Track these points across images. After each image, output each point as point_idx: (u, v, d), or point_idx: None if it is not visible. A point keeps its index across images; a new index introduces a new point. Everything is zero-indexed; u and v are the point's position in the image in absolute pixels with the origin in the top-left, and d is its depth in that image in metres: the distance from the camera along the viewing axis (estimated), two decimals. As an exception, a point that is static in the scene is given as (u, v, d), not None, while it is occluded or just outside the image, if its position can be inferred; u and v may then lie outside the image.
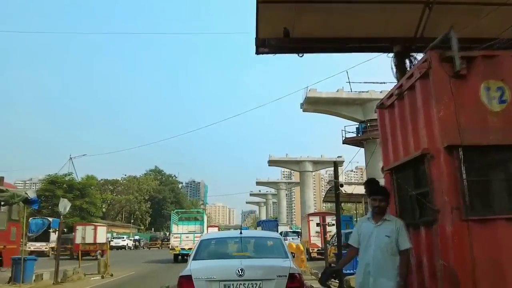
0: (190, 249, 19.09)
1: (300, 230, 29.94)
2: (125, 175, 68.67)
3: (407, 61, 6.80)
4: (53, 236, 26.63)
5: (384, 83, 32.64)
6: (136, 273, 15.88)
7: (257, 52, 6.90)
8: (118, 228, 57.51)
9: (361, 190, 33.46)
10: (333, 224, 18.77)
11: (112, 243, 46.63)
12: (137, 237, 55.66)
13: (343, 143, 31.25)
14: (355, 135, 31.64)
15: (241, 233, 5.90)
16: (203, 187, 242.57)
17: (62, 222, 12.61)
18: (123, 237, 44.90)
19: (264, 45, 6.79)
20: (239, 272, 4.55)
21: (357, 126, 31.72)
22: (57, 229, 12.37)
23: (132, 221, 63.32)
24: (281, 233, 27.62)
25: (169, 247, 24.25)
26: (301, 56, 6.87)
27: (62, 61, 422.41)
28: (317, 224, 19.78)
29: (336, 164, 7.86)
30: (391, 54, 6.87)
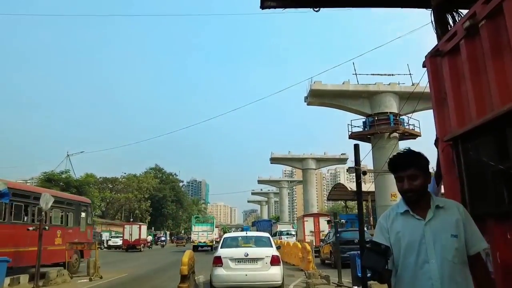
0: (204, 242, 33.25)
1: (295, 230, 32.95)
2: (125, 173, 67.40)
3: (449, 17, 5.51)
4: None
5: (392, 75, 31.43)
6: (129, 275, 14.61)
7: (263, 6, 5.58)
8: (117, 227, 56.16)
9: (367, 187, 32.28)
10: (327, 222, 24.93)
11: (110, 242, 45.45)
12: (163, 238, 54.82)
13: (349, 138, 29.91)
14: (361, 129, 30.31)
15: (246, 233, 11.63)
16: (205, 186, 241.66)
17: (43, 219, 11.31)
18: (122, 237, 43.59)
19: (272, -4, 5.49)
20: (245, 254, 8.96)
21: (363, 120, 30.39)
22: (38, 227, 11.05)
23: (131, 219, 62.02)
24: (275, 233, 33.06)
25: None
26: (317, 11, 5.54)
27: (60, 56, 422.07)
28: (328, 222, 22.45)
29: (357, 148, 6.54)
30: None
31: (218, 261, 8.94)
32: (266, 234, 11.37)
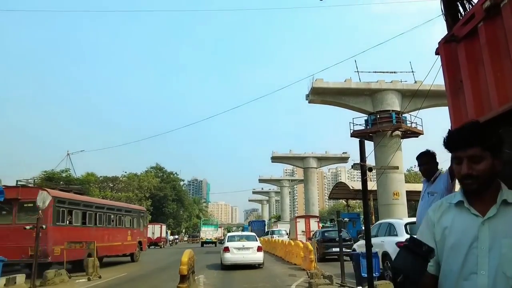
0: (210, 239, 43.73)
1: (287, 230, 36.29)
2: (125, 172, 67.15)
3: (459, 5, 5.27)
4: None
5: (394, 72, 31.14)
6: (128, 275, 14.41)
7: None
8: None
9: (369, 186, 32.02)
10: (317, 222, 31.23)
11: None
12: (176, 237, 60.98)
13: (351, 136, 29.61)
14: (363, 127, 30.03)
15: (241, 233, 19.71)
16: (206, 186, 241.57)
17: (41, 217, 11.09)
18: None
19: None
20: (242, 245, 15.71)
21: (365, 118, 30.10)
22: (35, 226, 10.84)
23: (132, 219, 61.85)
24: (267, 232, 38.34)
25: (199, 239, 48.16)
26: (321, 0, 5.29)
27: (60, 55, 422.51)
28: (331, 220, 26.00)
29: (362, 143, 6.30)
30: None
31: (226, 250, 15.52)
32: (253, 234, 18.08)
